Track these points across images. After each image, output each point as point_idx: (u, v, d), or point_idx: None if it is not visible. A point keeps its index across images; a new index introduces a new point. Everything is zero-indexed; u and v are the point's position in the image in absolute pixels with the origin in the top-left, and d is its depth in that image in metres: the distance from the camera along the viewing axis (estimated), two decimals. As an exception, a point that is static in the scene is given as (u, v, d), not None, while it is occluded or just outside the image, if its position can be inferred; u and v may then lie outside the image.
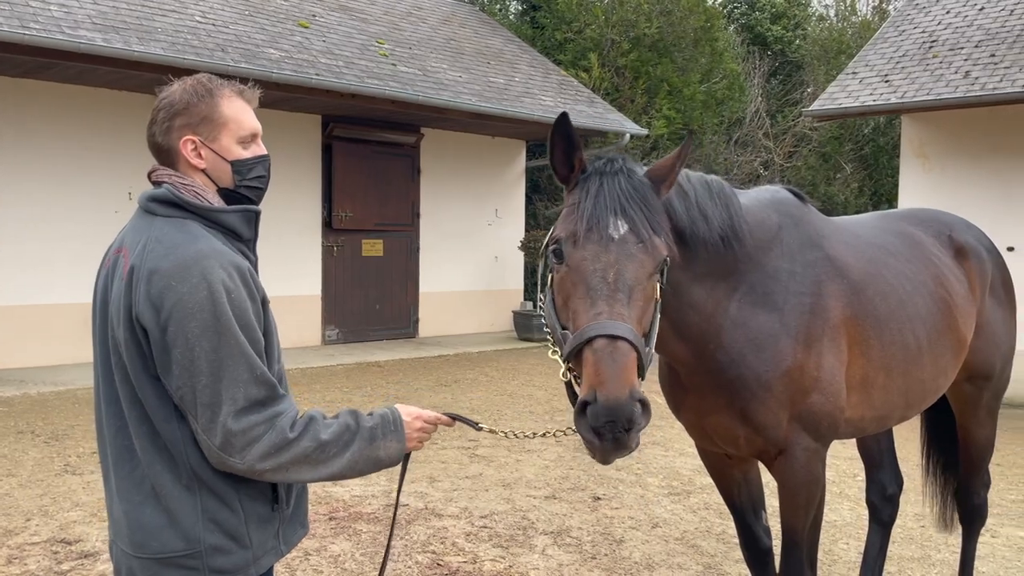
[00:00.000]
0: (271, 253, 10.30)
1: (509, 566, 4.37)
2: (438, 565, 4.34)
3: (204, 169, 1.90)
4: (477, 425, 2.17)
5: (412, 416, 2.01)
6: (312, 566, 4.25)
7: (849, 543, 4.91)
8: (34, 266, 8.99)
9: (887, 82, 10.15)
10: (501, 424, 7.31)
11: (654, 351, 2.25)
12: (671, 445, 6.91)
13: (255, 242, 1.98)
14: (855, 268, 3.01)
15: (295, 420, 1.82)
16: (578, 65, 14.98)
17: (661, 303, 2.49)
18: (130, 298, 1.78)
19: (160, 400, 1.79)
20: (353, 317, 11.69)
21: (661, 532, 4.98)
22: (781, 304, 2.76)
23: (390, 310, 12.14)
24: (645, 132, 13.64)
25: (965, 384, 3.68)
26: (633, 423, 1.98)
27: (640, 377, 2.11)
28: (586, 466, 6.23)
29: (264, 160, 1.97)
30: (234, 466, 1.77)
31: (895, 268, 3.22)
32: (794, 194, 3.07)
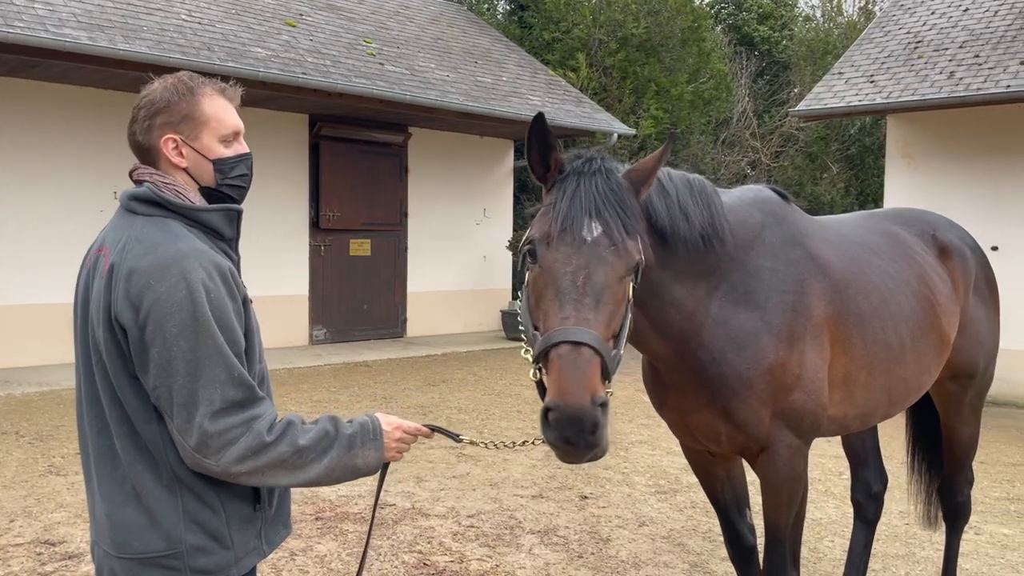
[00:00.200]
0: (258, 253, 10.29)
1: (496, 565, 4.37)
2: (424, 565, 4.34)
3: (186, 168, 1.89)
4: (458, 437, 2.16)
5: (392, 426, 2.00)
6: (298, 566, 4.24)
7: (834, 541, 4.94)
8: (16, 266, 8.92)
9: (872, 82, 10.21)
10: (489, 424, 7.31)
11: (626, 351, 2.26)
12: (658, 444, 6.93)
13: (237, 241, 1.97)
14: (838, 267, 3.03)
15: (273, 424, 1.80)
16: (566, 65, 14.99)
17: (641, 302, 2.52)
18: (109, 297, 1.76)
19: (140, 400, 1.78)
20: (341, 317, 11.66)
21: (648, 531, 4.99)
22: (763, 303, 2.77)
23: (378, 310, 12.12)
24: (633, 132, 13.67)
25: (949, 382, 3.71)
26: (597, 426, 2.01)
27: (606, 379, 2.13)
28: (573, 465, 6.24)
29: (246, 159, 1.96)
30: (209, 468, 1.75)
31: (878, 267, 3.24)
32: (777, 193, 3.09)
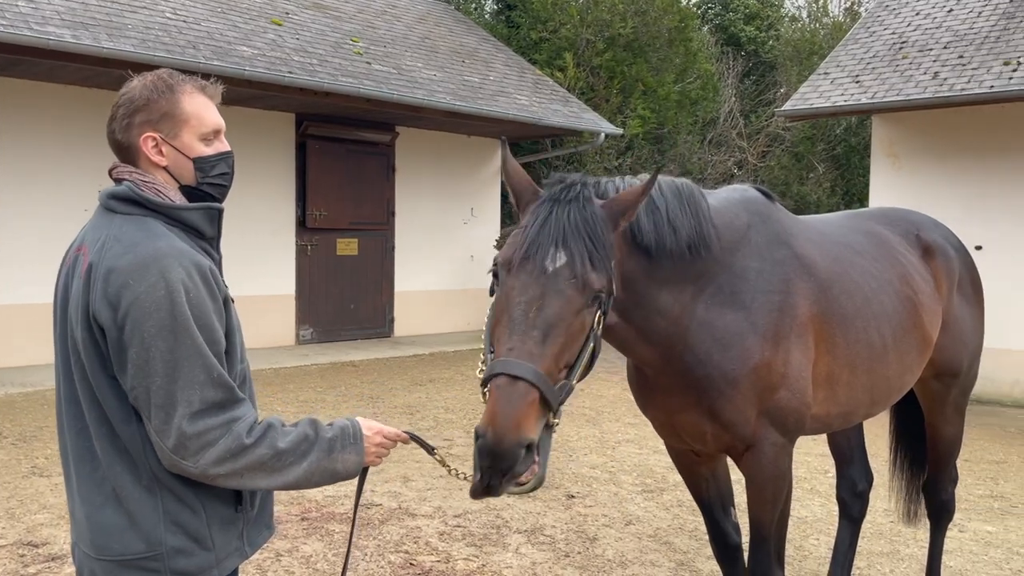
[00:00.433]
0: (244, 252, 10.25)
1: (482, 565, 4.37)
2: (411, 565, 4.33)
3: (166, 166, 1.87)
4: (432, 450, 2.16)
5: (373, 431, 1.99)
6: (284, 567, 4.22)
7: (820, 539, 4.96)
8: None
9: (858, 83, 10.26)
10: (475, 423, 7.29)
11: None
12: (644, 443, 6.94)
13: (219, 240, 1.95)
14: (822, 266, 3.04)
15: (253, 426, 1.79)
16: (553, 64, 14.99)
17: (625, 312, 2.55)
18: (88, 297, 1.75)
19: (119, 401, 1.76)
20: (327, 317, 11.63)
21: (634, 530, 5.00)
22: (749, 303, 2.78)
23: (365, 309, 12.09)
24: (620, 132, 13.69)
25: (933, 381, 3.73)
26: (511, 469, 2.02)
27: (551, 411, 2.12)
28: (560, 464, 6.24)
29: (227, 157, 1.94)
30: (187, 469, 1.74)
31: (861, 267, 3.26)
32: (762, 193, 3.10)
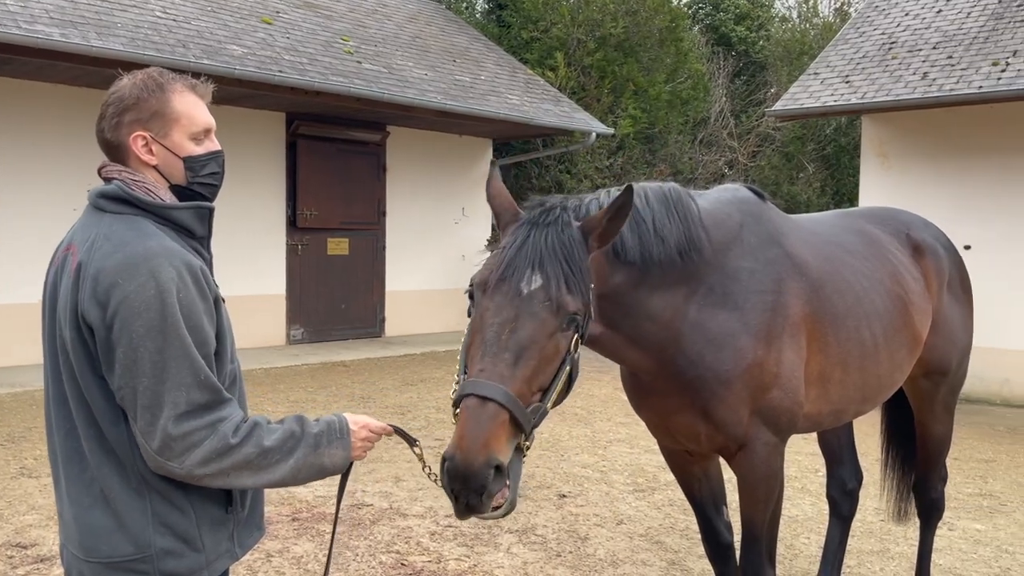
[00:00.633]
0: (234, 252, 10.21)
1: (474, 565, 4.36)
2: (402, 565, 4.32)
3: (155, 165, 1.86)
4: (414, 443, 2.16)
5: (359, 425, 1.98)
6: (274, 567, 4.20)
7: (810, 537, 4.97)
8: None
9: (848, 83, 10.29)
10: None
11: (550, 406, 2.23)
12: (636, 442, 6.95)
13: (209, 239, 1.94)
14: (813, 266, 3.05)
15: (238, 426, 1.78)
16: (544, 64, 14.99)
17: (613, 322, 2.56)
18: (76, 296, 1.74)
19: (108, 401, 1.75)
20: (318, 316, 11.60)
21: (626, 529, 5.00)
22: (741, 303, 2.78)
23: (356, 309, 12.06)
24: (611, 131, 13.70)
25: (922, 380, 3.74)
26: (484, 489, 2.01)
27: (523, 434, 2.12)
28: (552, 464, 6.24)
29: (218, 156, 1.93)
30: (172, 471, 1.73)
31: (852, 266, 3.27)
32: (754, 192, 3.10)
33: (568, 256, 2.25)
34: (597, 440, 7.07)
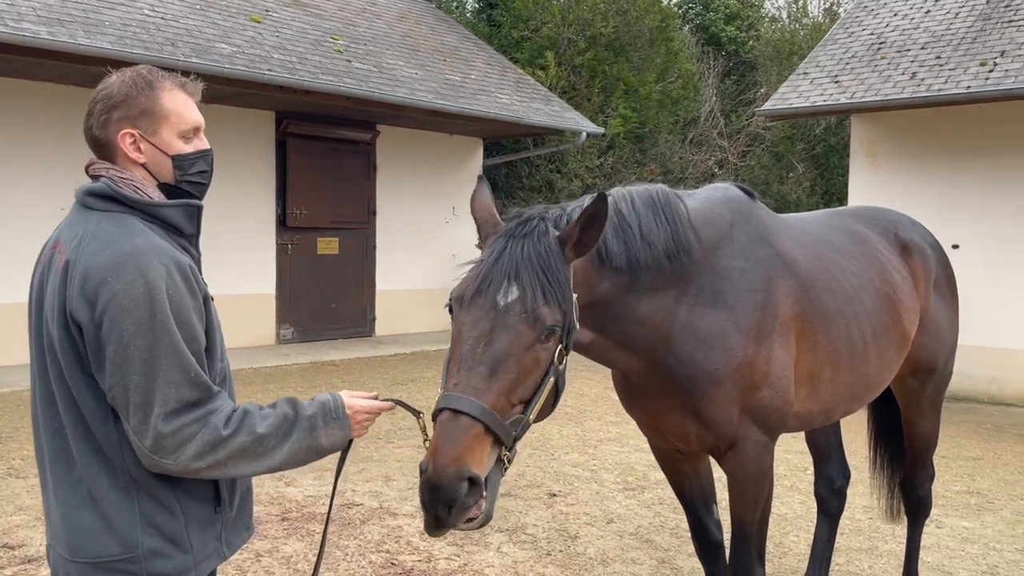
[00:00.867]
0: (224, 251, 10.17)
1: (464, 564, 4.36)
2: (392, 564, 4.31)
3: (144, 163, 1.85)
4: (418, 415, 2.15)
5: (356, 398, 1.98)
6: (264, 567, 4.19)
7: (799, 535, 4.99)
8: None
9: (837, 83, 10.33)
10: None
11: (532, 418, 2.21)
12: (626, 441, 6.96)
13: (198, 237, 1.94)
14: (803, 265, 3.06)
15: (229, 416, 1.77)
16: (535, 63, 14.99)
17: (601, 328, 2.55)
18: (64, 294, 1.73)
19: (96, 400, 1.74)
20: (308, 316, 11.56)
21: (616, 527, 5.01)
22: (732, 302, 2.78)
23: (346, 309, 12.03)
24: (602, 131, 13.71)
25: (909, 378, 3.77)
26: (455, 502, 1.98)
27: (502, 446, 2.09)
28: (542, 463, 6.25)
29: (206, 155, 1.93)
30: (167, 468, 1.72)
31: (842, 265, 3.28)
32: (744, 191, 3.11)
33: (545, 267, 2.22)
34: (587, 439, 7.07)
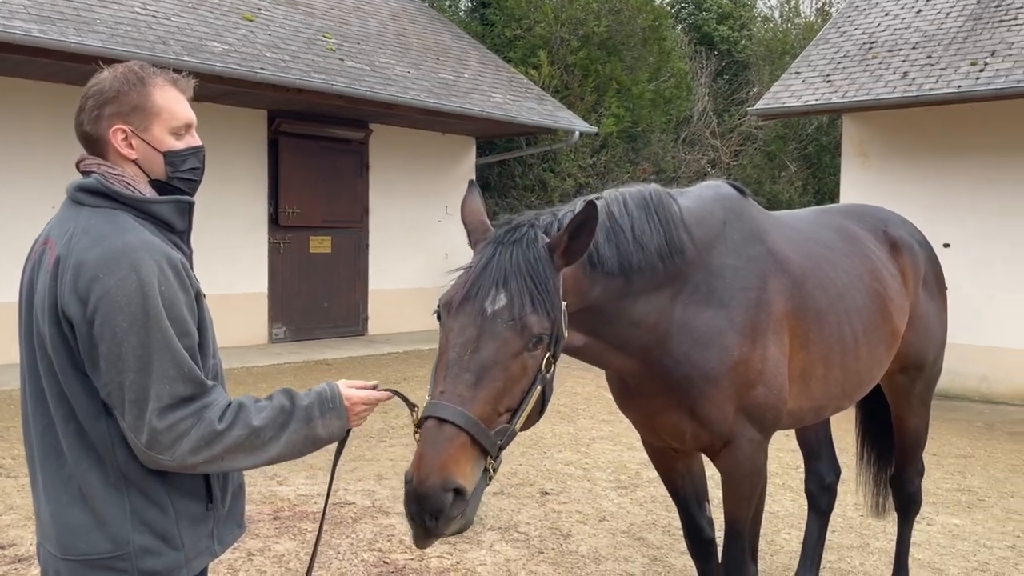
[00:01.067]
0: (216, 250, 10.14)
1: (456, 562, 4.36)
2: (384, 563, 4.31)
3: (135, 160, 1.85)
4: (413, 408, 2.12)
5: (354, 386, 1.97)
6: (255, 566, 4.19)
7: (791, 533, 5.01)
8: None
9: (828, 82, 10.36)
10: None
11: (519, 427, 2.19)
12: (619, 439, 6.97)
13: (189, 234, 1.93)
14: (795, 262, 3.06)
15: (224, 410, 1.76)
16: (527, 62, 14.99)
17: (595, 332, 2.54)
18: (55, 290, 1.72)
19: (88, 396, 1.74)
20: (301, 315, 11.54)
21: (608, 525, 5.02)
22: (727, 300, 2.78)
23: (339, 308, 12.02)
24: (595, 130, 13.73)
25: (899, 375, 3.78)
26: (441, 513, 1.96)
27: (487, 455, 2.06)
28: (534, 461, 6.25)
29: (198, 152, 1.92)
30: (164, 464, 1.72)
31: (833, 262, 3.29)
32: (735, 188, 3.11)
33: (534, 274, 2.20)
34: (580, 438, 7.08)
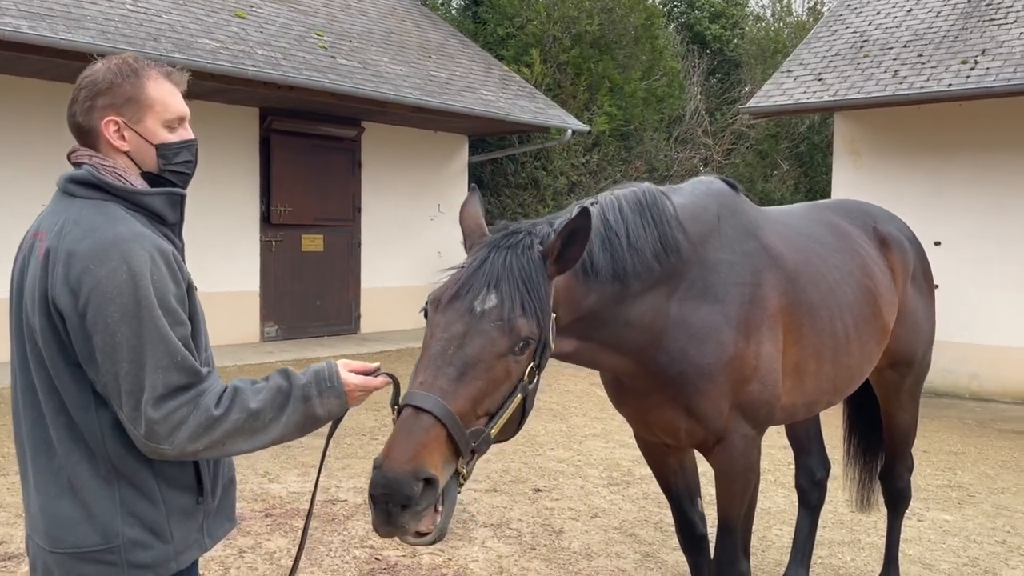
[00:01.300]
0: (208, 248, 10.11)
1: (448, 559, 4.37)
2: (376, 560, 4.31)
3: (127, 152, 1.84)
4: (397, 399, 2.11)
5: (351, 367, 1.96)
6: (247, 563, 4.18)
7: (783, 529, 5.03)
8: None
9: (820, 81, 10.39)
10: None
11: (495, 432, 2.14)
12: (611, 437, 6.98)
13: (181, 226, 1.93)
14: (788, 258, 3.07)
15: (220, 396, 1.75)
16: (520, 61, 14.98)
17: (587, 335, 2.51)
18: (46, 282, 1.71)
19: (78, 388, 1.73)
20: (293, 313, 11.52)
21: (600, 522, 5.03)
22: (722, 295, 2.79)
23: (331, 306, 12.00)
24: (587, 128, 13.74)
25: (888, 370, 3.80)
26: (410, 501, 1.90)
27: (460, 456, 2.02)
28: (527, 458, 6.26)
29: (191, 145, 1.92)
30: (166, 453, 1.71)
31: (824, 258, 3.30)
32: (728, 184, 3.12)
33: (526, 279, 2.19)
34: (572, 435, 7.09)
